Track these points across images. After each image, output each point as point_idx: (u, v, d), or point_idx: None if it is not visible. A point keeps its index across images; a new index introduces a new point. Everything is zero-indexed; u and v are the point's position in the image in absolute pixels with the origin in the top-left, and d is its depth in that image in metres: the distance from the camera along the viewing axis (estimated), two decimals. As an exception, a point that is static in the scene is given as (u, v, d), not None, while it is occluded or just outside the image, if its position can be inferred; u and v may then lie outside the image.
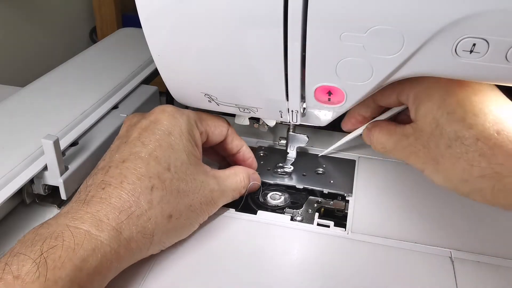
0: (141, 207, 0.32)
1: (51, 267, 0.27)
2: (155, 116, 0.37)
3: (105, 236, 0.30)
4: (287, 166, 0.46)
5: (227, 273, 0.35)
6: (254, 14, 0.31)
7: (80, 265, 0.28)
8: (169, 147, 0.35)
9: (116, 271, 0.32)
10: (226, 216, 0.41)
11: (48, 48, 0.90)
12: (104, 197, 0.32)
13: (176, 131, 0.36)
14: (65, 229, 0.29)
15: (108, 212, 0.31)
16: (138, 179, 0.33)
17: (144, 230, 0.32)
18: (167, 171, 0.34)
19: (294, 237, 0.39)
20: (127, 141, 0.35)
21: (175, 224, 0.34)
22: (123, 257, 0.31)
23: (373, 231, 0.39)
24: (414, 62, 0.31)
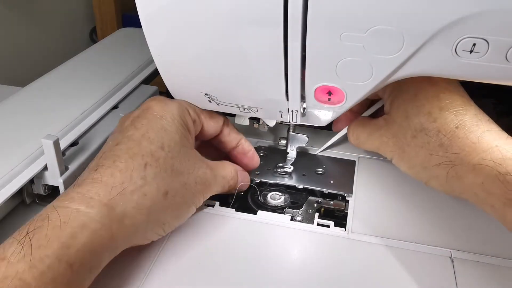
0: (135, 183, 0.32)
1: (36, 246, 0.26)
2: (146, 104, 0.37)
3: (95, 211, 0.29)
4: (287, 166, 0.46)
5: (227, 273, 0.35)
6: (254, 14, 0.31)
7: (67, 242, 0.27)
8: (161, 129, 0.35)
9: (110, 251, 0.31)
10: (226, 216, 0.41)
11: (48, 48, 0.90)
12: (96, 177, 0.31)
13: (168, 115, 0.36)
14: (52, 210, 0.29)
15: (99, 190, 0.31)
16: (131, 157, 0.33)
17: (138, 206, 0.32)
18: (161, 150, 0.34)
19: (294, 237, 0.39)
20: (121, 130, 0.36)
21: (171, 201, 0.34)
22: (117, 235, 0.30)
23: (373, 231, 0.39)
24: (414, 62, 0.31)
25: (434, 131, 0.37)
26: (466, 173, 0.35)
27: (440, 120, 0.37)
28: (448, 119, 0.37)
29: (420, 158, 0.38)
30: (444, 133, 0.36)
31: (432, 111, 0.37)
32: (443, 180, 0.37)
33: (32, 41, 0.86)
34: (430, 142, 0.37)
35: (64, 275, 0.27)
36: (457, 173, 0.35)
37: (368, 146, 0.43)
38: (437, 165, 0.37)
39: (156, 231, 0.34)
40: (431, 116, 0.37)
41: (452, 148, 0.36)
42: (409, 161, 0.39)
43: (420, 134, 0.38)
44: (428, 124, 0.37)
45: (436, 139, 0.37)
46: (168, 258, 0.36)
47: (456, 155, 0.35)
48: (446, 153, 0.36)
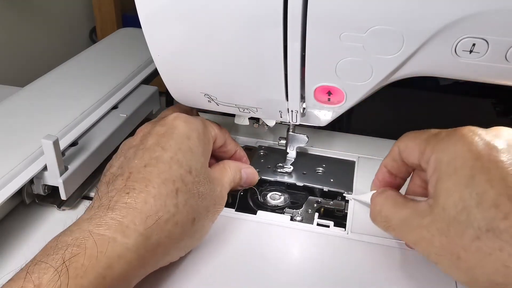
0: (169, 211, 0.32)
1: (73, 276, 0.26)
2: (170, 122, 0.36)
3: (132, 242, 0.29)
4: (287, 166, 0.46)
5: (226, 273, 0.35)
6: (254, 14, 0.31)
7: (103, 273, 0.27)
8: (189, 151, 0.35)
9: (140, 277, 0.31)
10: (226, 216, 0.41)
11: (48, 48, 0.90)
12: (129, 201, 0.31)
13: (194, 135, 0.36)
14: (88, 235, 0.28)
15: (135, 218, 0.30)
16: (163, 182, 0.32)
17: (171, 235, 0.32)
18: (189, 174, 0.34)
19: (294, 237, 0.39)
20: (145, 147, 0.35)
21: (197, 227, 0.34)
22: (149, 263, 0.31)
23: (373, 231, 0.39)
24: (414, 62, 0.31)
25: (508, 233, 0.26)
26: None
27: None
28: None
29: (488, 270, 0.27)
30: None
31: (499, 202, 0.26)
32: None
33: (32, 41, 0.86)
34: (503, 248, 0.26)
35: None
36: None
37: (401, 236, 0.32)
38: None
39: (180, 254, 0.35)
40: (500, 207, 0.26)
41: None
42: (470, 271, 0.28)
43: (486, 236, 0.26)
44: (497, 222, 0.26)
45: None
46: (168, 258, 0.36)
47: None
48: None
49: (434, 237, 0.29)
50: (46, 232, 0.38)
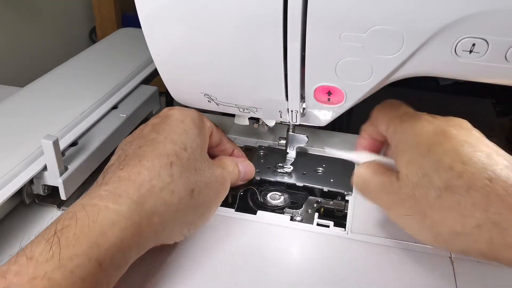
0: (163, 180, 0.32)
1: (65, 245, 0.26)
2: (164, 112, 0.37)
3: (125, 208, 0.29)
4: (287, 166, 0.46)
5: (226, 272, 0.35)
6: (254, 14, 0.31)
7: (97, 240, 0.27)
8: (183, 132, 0.35)
9: (138, 249, 0.30)
10: (226, 216, 0.41)
11: (48, 48, 0.90)
12: (123, 175, 0.31)
13: (188, 119, 0.37)
14: (80, 208, 0.28)
15: (128, 187, 0.30)
16: (157, 157, 0.33)
17: (166, 203, 0.32)
18: (184, 151, 0.34)
19: (294, 237, 0.39)
20: (140, 136, 0.36)
21: (197, 200, 0.34)
22: (145, 232, 0.30)
23: (373, 231, 0.39)
24: (414, 62, 0.31)
25: (463, 189, 0.30)
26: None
27: (467, 174, 0.30)
28: (477, 172, 0.30)
29: (449, 223, 0.30)
30: (476, 189, 0.29)
31: (454, 165, 0.31)
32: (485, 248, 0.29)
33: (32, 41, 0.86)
34: (460, 201, 0.30)
35: (93, 273, 0.26)
36: (505, 239, 0.28)
37: (376, 199, 0.36)
38: (476, 228, 0.29)
39: (182, 231, 0.34)
40: (455, 170, 0.30)
41: (493, 206, 0.29)
42: (435, 228, 0.31)
43: (445, 193, 0.30)
44: (454, 181, 0.30)
45: (468, 197, 0.30)
46: (167, 258, 0.36)
47: (499, 215, 0.29)
48: (486, 213, 0.29)
49: (403, 201, 0.33)
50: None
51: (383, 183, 0.35)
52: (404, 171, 0.33)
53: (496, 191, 0.29)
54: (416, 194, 0.32)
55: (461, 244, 0.31)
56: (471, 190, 0.30)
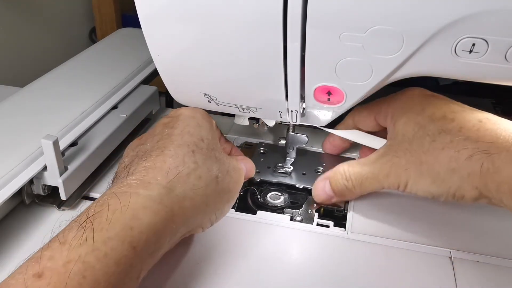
0: (189, 166, 0.32)
1: (98, 229, 0.26)
2: (173, 113, 0.38)
3: (155, 194, 0.29)
4: (287, 166, 0.46)
5: (226, 273, 0.35)
6: (254, 14, 0.31)
7: (130, 223, 0.27)
8: (197, 125, 0.36)
9: (171, 235, 0.30)
10: (226, 216, 0.40)
11: (48, 48, 0.90)
12: (148, 165, 0.32)
13: (198, 115, 0.37)
14: (111, 195, 0.29)
15: (156, 174, 0.31)
16: (178, 146, 0.33)
17: (195, 187, 0.32)
18: (201, 142, 0.35)
19: (294, 237, 0.39)
20: (154, 135, 0.36)
21: (222, 186, 0.34)
22: (178, 217, 0.30)
23: (373, 231, 0.39)
24: (414, 62, 0.31)
25: (455, 129, 0.34)
26: (506, 163, 0.31)
27: (458, 119, 0.34)
28: (467, 116, 0.34)
29: (444, 161, 0.33)
30: (468, 128, 0.33)
31: (446, 114, 0.35)
32: (477, 178, 0.32)
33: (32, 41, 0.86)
34: (453, 140, 0.33)
35: (127, 256, 0.26)
36: (494, 163, 0.31)
37: (376, 175, 0.38)
38: (468, 159, 0.32)
39: (211, 217, 0.34)
40: (447, 118, 0.35)
41: (484, 137, 0.32)
42: (431, 170, 0.34)
43: (439, 136, 0.34)
44: (447, 125, 0.34)
45: (460, 134, 0.33)
46: (167, 259, 0.36)
47: (489, 144, 0.32)
48: (477, 143, 0.32)
49: (400, 158, 0.36)
50: (46, 232, 0.38)
51: (375, 161, 0.38)
52: (401, 132, 0.37)
53: (486, 126, 0.33)
54: (413, 147, 0.35)
55: (457, 181, 0.33)
56: (463, 129, 0.34)
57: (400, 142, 0.37)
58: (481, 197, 0.33)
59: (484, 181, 0.32)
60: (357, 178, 0.39)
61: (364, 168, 0.39)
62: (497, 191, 0.31)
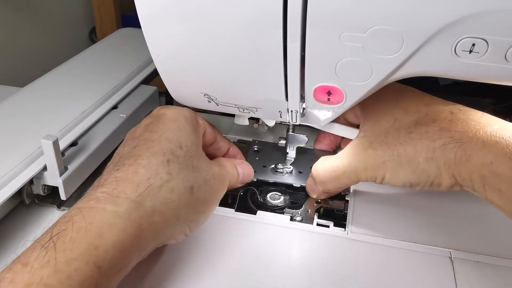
0: (161, 178, 0.31)
1: (61, 249, 0.25)
2: (156, 112, 0.37)
3: (123, 209, 0.28)
4: (287, 166, 0.46)
5: (226, 273, 0.35)
6: (254, 14, 0.31)
7: (94, 242, 0.26)
8: (177, 130, 0.35)
9: (140, 250, 0.29)
10: (226, 216, 0.41)
11: (48, 48, 0.90)
12: (120, 175, 0.31)
13: (181, 117, 0.36)
14: (76, 211, 0.28)
15: (126, 188, 0.30)
16: (153, 155, 0.32)
17: (166, 200, 0.31)
18: (179, 149, 0.34)
19: (294, 237, 0.39)
20: (133, 137, 0.35)
21: (197, 197, 0.33)
22: (146, 233, 0.29)
23: (373, 231, 0.39)
24: (414, 62, 0.31)
25: (430, 121, 0.36)
26: (475, 151, 0.33)
27: (432, 112, 0.36)
28: (440, 109, 0.36)
29: (422, 151, 0.35)
30: (441, 120, 0.35)
31: (419, 108, 0.37)
32: (452, 166, 0.34)
33: (32, 41, 0.86)
34: (428, 131, 0.35)
35: (92, 277, 0.26)
36: (466, 152, 0.33)
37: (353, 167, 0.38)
38: (443, 147, 0.34)
39: (184, 229, 0.33)
40: (421, 112, 0.37)
41: (457, 127, 0.34)
42: (411, 161, 0.35)
43: (415, 128, 0.36)
44: (421, 119, 0.36)
45: (435, 126, 0.35)
46: (167, 258, 0.36)
47: (461, 133, 0.34)
48: (450, 132, 0.34)
49: (377, 150, 0.37)
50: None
51: (350, 150, 0.39)
52: (377, 124, 0.38)
53: (458, 117, 0.35)
54: (389, 139, 0.37)
55: (435, 169, 0.35)
56: (437, 120, 0.36)
57: (377, 134, 0.37)
58: (455, 185, 0.35)
59: (458, 169, 0.33)
60: (331, 174, 0.39)
61: (339, 162, 0.39)
62: (469, 179, 0.33)
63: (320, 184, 0.41)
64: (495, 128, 0.33)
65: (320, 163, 0.41)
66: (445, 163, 0.34)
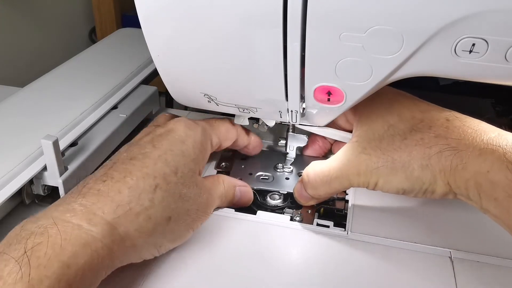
0: (142, 204, 0.31)
1: (35, 266, 0.25)
2: (171, 125, 0.37)
3: (98, 230, 0.29)
4: (287, 166, 0.46)
5: (226, 273, 0.35)
6: (254, 14, 0.31)
7: (68, 261, 0.26)
8: (180, 154, 0.35)
9: (108, 269, 0.30)
10: (226, 216, 0.41)
11: (48, 48, 0.90)
12: (103, 189, 0.31)
13: (190, 141, 0.36)
14: (52, 224, 0.28)
15: (104, 206, 0.30)
16: (143, 176, 0.32)
17: (141, 228, 0.31)
18: (174, 175, 0.34)
19: (294, 237, 0.39)
20: (138, 143, 0.35)
21: (172, 227, 0.34)
22: (116, 255, 0.30)
23: (373, 231, 0.39)
24: (414, 62, 0.31)
25: (425, 128, 0.35)
26: (472, 159, 0.32)
27: (427, 118, 0.36)
28: (435, 115, 0.36)
29: (417, 157, 0.34)
30: (437, 127, 0.35)
31: (414, 115, 0.36)
32: (448, 174, 0.33)
33: (32, 41, 0.86)
34: (424, 137, 0.35)
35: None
36: (462, 159, 0.32)
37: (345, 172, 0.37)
38: (438, 154, 0.33)
39: (152, 252, 0.34)
40: (416, 118, 0.36)
41: (453, 134, 0.34)
42: (406, 167, 0.35)
43: (410, 134, 0.35)
44: (416, 125, 0.36)
45: (430, 132, 0.35)
46: (168, 259, 0.36)
47: (458, 140, 0.33)
48: (446, 140, 0.34)
49: (370, 156, 0.36)
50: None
51: (342, 156, 0.38)
52: (370, 130, 0.37)
53: (454, 124, 0.34)
54: (383, 145, 0.36)
55: (430, 177, 0.34)
56: (433, 127, 0.35)
57: (370, 140, 0.36)
58: (449, 193, 0.34)
59: (454, 177, 0.33)
60: (323, 179, 0.38)
61: (331, 167, 0.38)
62: (465, 187, 0.33)
63: (311, 189, 0.40)
64: (491, 136, 0.33)
65: (311, 167, 0.40)
66: (440, 170, 0.33)
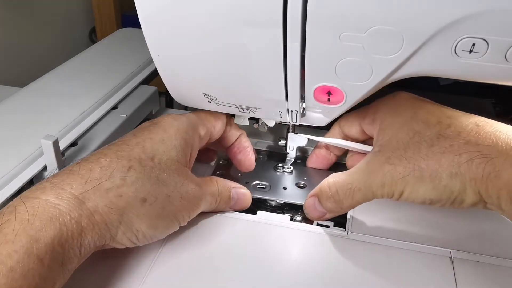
0: (113, 182, 0.31)
1: (3, 241, 0.25)
2: (158, 119, 0.37)
3: (65, 204, 0.29)
4: (287, 166, 0.46)
5: (226, 273, 0.35)
6: (254, 14, 0.31)
7: (36, 235, 0.26)
8: (160, 141, 0.35)
9: (82, 247, 0.29)
10: (226, 216, 0.41)
11: (48, 48, 0.90)
12: (75, 169, 0.31)
13: (172, 130, 0.36)
14: (20, 202, 0.28)
15: (73, 182, 0.30)
16: (117, 158, 0.32)
17: (111, 204, 0.31)
18: (150, 160, 0.33)
19: (294, 237, 0.39)
20: (123, 137, 0.36)
21: (149, 209, 0.32)
22: (87, 231, 0.29)
23: (373, 231, 0.39)
24: (414, 62, 0.31)
25: (454, 134, 0.33)
26: (506, 167, 0.30)
27: (455, 124, 0.33)
28: (464, 121, 0.33)
29: (446, 164, 0.32)
30: (467, 133, 0.33)
31: (441, 120, 0.34)
32: (479, 183, 0.31)
33: (32, 41, 0.86)
34: (453, 144, 0.32)
35: (35, 269, 0.26)
36: (495, 167, 0.30)
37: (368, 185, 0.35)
38: (469, 162, 0.31)
39: (129, 236, 0.32)
40: (443, 123, 0.34)
41: (485, 141, 0.31)
42: (434, 176, 0.32)
43: (438, 141, 0.33)
44: (444, 131, 0.33)
45: (460, 139, 0.32)
46: (167, 259, 0.36)
47: (490, 147, 0.31)
48: (478, 146, 0.31)
49: (395, 165, 0.34)
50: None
51: (364, 167, 0.36)
52: (394, 138, 0.35)
53: (484, 129, 0.32)
54: (408, 153, 0.34)
55: (459, 185, 0.32)
56: (462, 133, 0.33)
57: (394, 149, 0.35)
58: (479, 202, 0.32)
59: (485, 186, 0.31)
60: (346, 192, 0.36)
61: (354, 179, 0.36)
62: (497, 197, 0.31)
63: (333, 202, 0.37)
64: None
65: (332, 179, 0.38)
66: (471, 179, 0.31)
